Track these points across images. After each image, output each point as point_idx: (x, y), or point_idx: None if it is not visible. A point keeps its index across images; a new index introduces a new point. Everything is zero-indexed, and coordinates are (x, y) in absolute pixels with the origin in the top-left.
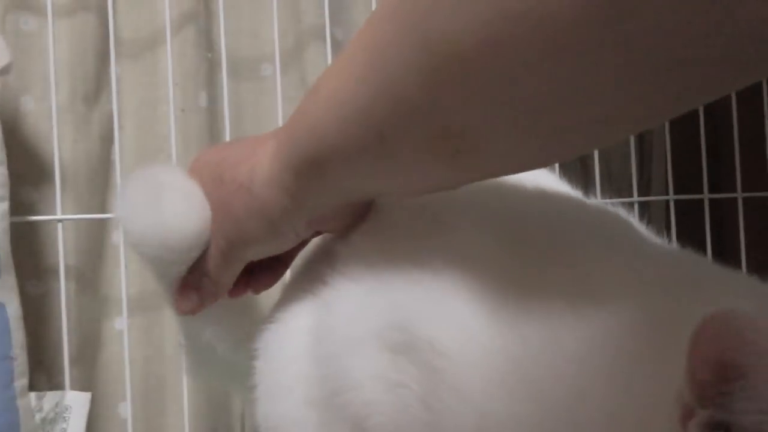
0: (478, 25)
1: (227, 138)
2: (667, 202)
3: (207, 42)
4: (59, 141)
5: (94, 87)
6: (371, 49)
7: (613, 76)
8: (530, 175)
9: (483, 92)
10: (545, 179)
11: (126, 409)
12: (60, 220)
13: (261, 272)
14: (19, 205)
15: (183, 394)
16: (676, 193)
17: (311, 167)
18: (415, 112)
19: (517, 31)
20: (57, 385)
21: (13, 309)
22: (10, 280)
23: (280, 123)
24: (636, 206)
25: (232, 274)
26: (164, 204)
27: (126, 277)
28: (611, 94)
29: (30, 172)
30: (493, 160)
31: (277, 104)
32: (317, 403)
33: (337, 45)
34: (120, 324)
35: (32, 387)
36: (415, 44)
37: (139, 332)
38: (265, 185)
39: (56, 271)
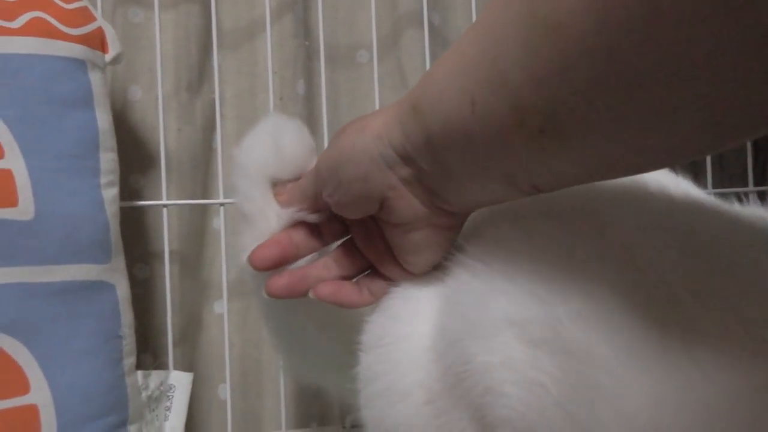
0: None
1: (324, 125)
2: None
3: (304, 30)
4: (164, 129)
5: (197, 76)
6: (487, 12)
7: (726, 53)
8: (673, 181)
9: (577, 65)
10: (693, 190)
11: (225, 391)
12: (165, 206)
13: (378, 280)
14: (127, 191)
15: (279, 377)
16: None
17: (413, 110)
18: (506, 80)
19: None
20: (161, 365)
21: (123, 290)
22: (120, 263)
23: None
24: (751, 197)
25: (315, 197)
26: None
27: (226, 262)
28: (720, 75)
29: (137, 159)
30: (579, 148)
31: (373, 91)
32: (436, 397)
33: (434, 31)
34: (220, 307)
35: (139, 366)
36: (520, 8)
37: (237, 316)
38: (369, 115)
39: (161, 256)
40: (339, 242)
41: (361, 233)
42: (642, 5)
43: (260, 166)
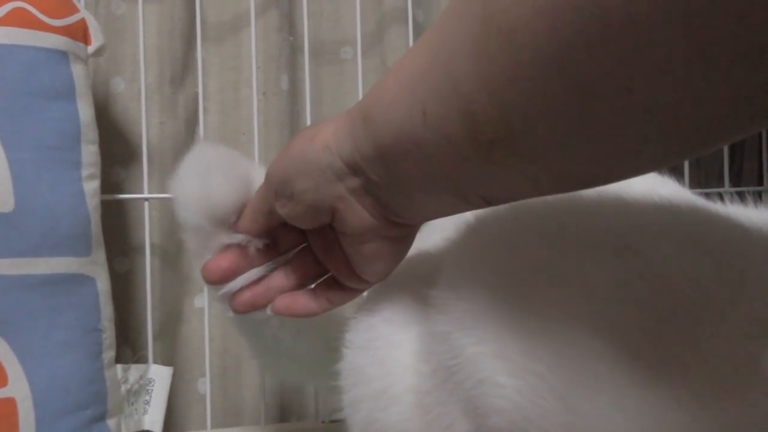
0: None
1: (308, 121)
2: (760, 193)
3: (289, 25)
4: (146, 122)
5: (180, 70)
6: (440, 22)
7: (674, 61)
8: (660, 181)
9: (529, 73)
10: (681, 190)
11: (205, 385)
12: (146, 199)
13: (335, 288)
14: (108, 184)
15: (259, 372)
16: None
17: (364, 120)
18: (458, 89)
19: (573, 3)
20: (141, 359)
21: (103, 284)
22: (101, 256)
23: None
24: (727, 197)
25: (269, 211)
26: (211, 175)
27: None
28: (668, 85)
29: (119, 152)
30: (530, 159)
31: (357, 87)
32: (427, 396)
33: (418, 27)
34: (200, 301)
35: (118, 360)
36: (474, 16)
37: (217, 310)
38: (320, 124)
39: (142, 249)
40: (298, 249)
41: (318, 241)
42: (592, 10)
43: (195, 209)
